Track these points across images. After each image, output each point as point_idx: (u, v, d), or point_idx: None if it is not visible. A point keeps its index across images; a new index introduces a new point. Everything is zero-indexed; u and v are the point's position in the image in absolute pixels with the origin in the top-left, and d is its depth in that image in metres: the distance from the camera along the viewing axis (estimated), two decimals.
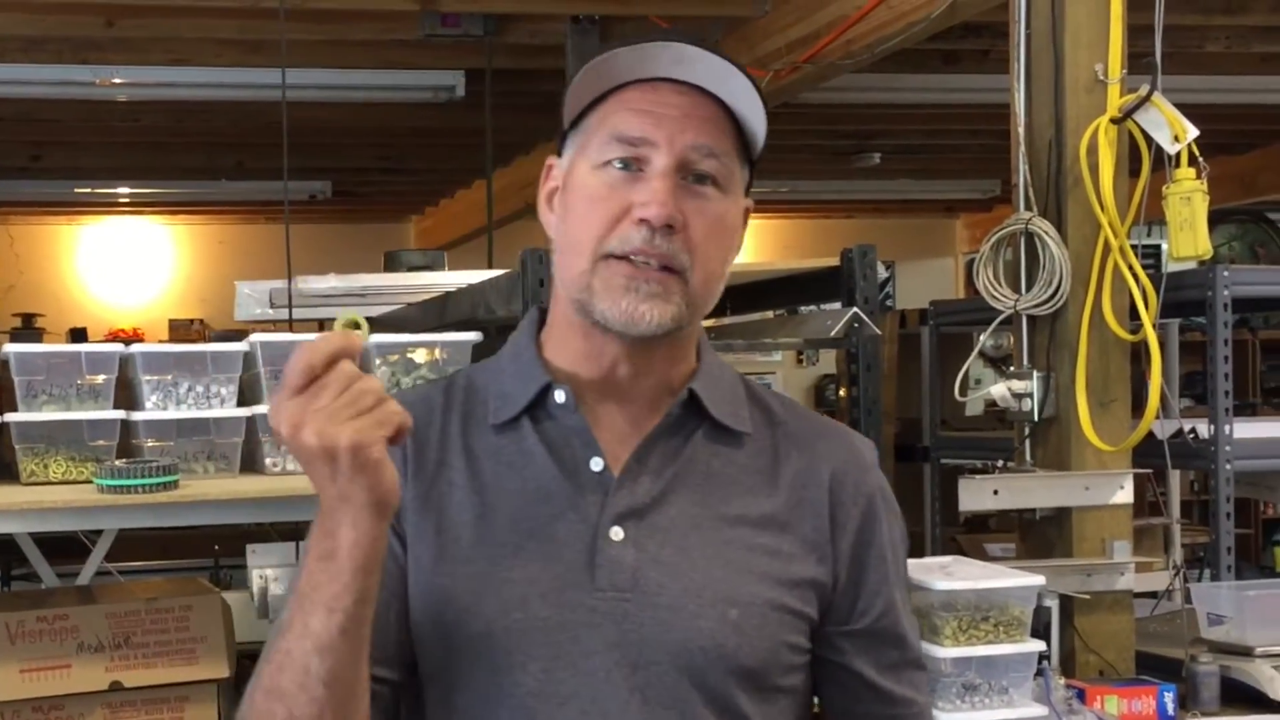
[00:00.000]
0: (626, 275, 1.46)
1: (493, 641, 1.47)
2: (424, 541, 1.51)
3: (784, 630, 1.52)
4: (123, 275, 10.20)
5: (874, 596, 1.58)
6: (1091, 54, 3.45)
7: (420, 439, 1.54)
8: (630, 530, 1.49)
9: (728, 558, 1.50)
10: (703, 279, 1.50)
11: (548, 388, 1.53)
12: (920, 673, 1.64)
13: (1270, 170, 8.57)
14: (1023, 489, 3.44)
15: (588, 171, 1.51)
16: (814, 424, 1.64)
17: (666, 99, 1.49)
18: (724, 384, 1.59)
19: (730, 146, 1.52)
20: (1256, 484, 4.53)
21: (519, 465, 1.52)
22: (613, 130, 1.49)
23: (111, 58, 5.76)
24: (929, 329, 5.21)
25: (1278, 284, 4.40)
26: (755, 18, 5.28)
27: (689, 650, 1.46)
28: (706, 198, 1.50)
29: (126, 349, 3.04)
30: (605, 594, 1.47)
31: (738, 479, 1.54)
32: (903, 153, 8.54)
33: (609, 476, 1.50)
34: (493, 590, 1.47)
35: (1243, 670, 3.19)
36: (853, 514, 1.57)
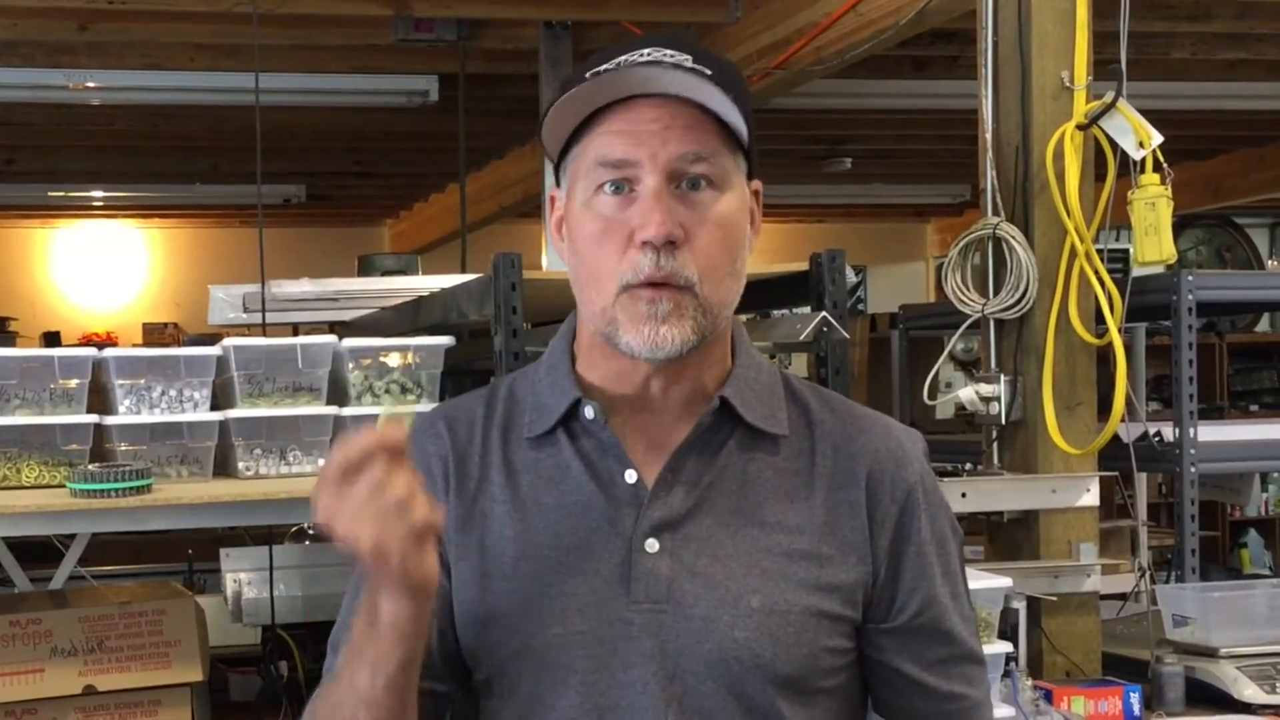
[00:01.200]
0: (646, 301, 1.47)
1: (534, 656, 1.49)
2: (468, 560, 1.53)
3: (823, 636, 1.51)
4: (96, 279, 10.18)
5: (911, 593, 1.55)
6: (1058, 61, 3.49)
7: (461, 454, 1.57)
8: (665, 542, 1.49)
9: (764, 566, 1.50)
10: (712, 285, 1.49)
11: (578, 403, 1.54)
12: (974, 667, 1.61)
13: (1236, 175, 8.62)
14: (990, 492, 3.47)
15: (582, 206, 1.51)
16: (853, 420, 1.61)
17: (642, 114, 1.48)
18: (760, 385, 1.57)
19: (717, 144, 1.50)
20: (1222, 486, 4.57)
21: (556, 479, 1.53)
22: (596, 157, 1.49)
23: (85, 62, 5.76)
24: (899, 333, 5.23)
25: (1242, 288, 4.46)
26: (727, 24, 5.31)
27: (725, 660, 1.47)
28: (703, 201, 1.49)
29: (100, 353, 3.04)
30: (641, 606, 1.48)
31: (774, 483, 1.54)
32: (874, 158, 8.57)
33: (643, 489, 1.51)
34: (533, 606, 1.49)
35: (1207, 671, 3.23)
36: (891, 511, 1.55)
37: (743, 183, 1.54)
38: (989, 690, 1.67)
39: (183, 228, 10.28)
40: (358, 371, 3.15)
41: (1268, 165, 8.42)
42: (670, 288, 1.47)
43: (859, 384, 7.76)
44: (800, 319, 2.91)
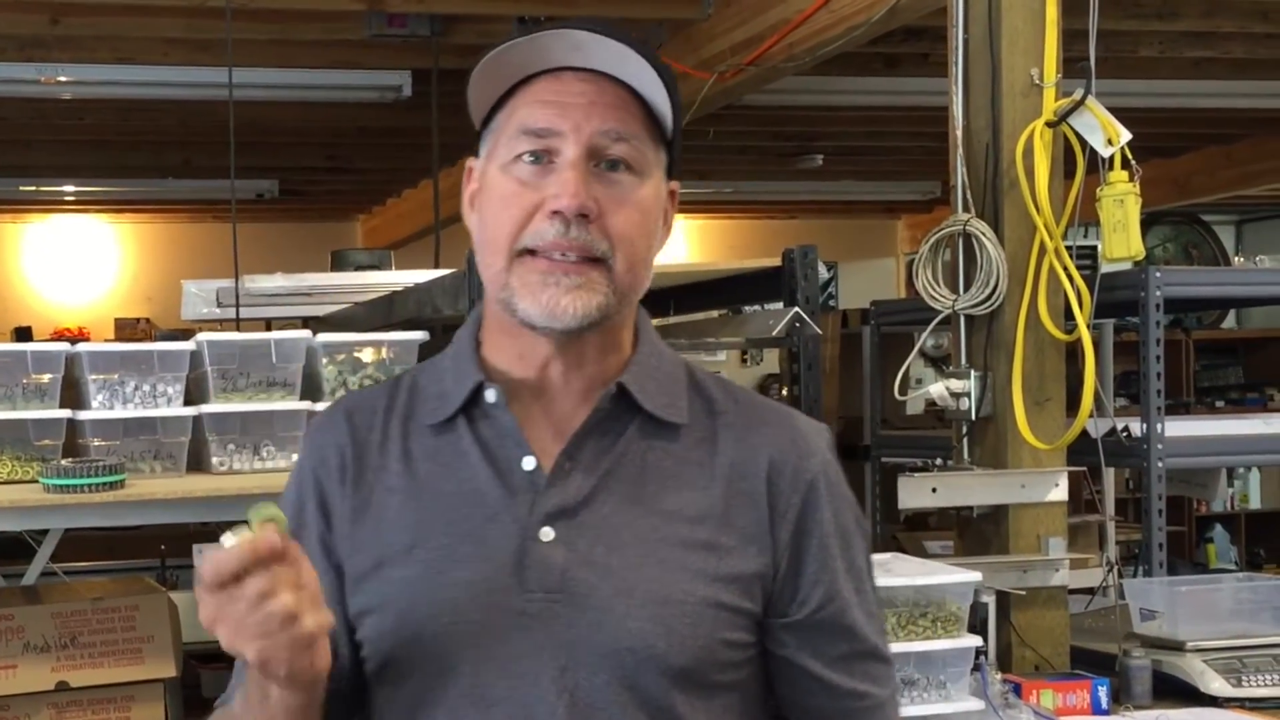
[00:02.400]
0: (543, 270, 1.45)
1: (425, 646, 1.46)
2: (363, 551, 1.51)
3: (721, 628, 1.48)
4: (68, 274, 10.13)
5: (813, 586, 1.53)
6: (1027, 59, 3.51)
7: (361, 444, 1.55)
8: (561, 530, 1.47)
9: (661, 556, 1.47)
10: (627, 265, 1.47)
11: (480, 386, 1.52)
12: (879, 665, 1.59)
13: (1203, 173, 8.67)
14: (960, 487, 3.49)
15: (499, 170, 1.49)
16: (758, 411, 1.59)
17: (570, 87, 1.47)
18: (661, 373, 1.55)
19: (640, 129, 1.49)
20: (1189, 481, 4.60)
21: (454, 467, 1.51)
22: (519, 124, 1.48)
23: (57, 56, 5.73)
24: (870, 328, 5.25)
25: (1209, 284, 4.49)
26: (698, 21, 5.32)
27: (619, 651, 1.44)
28: (620, 184, 1.47)
29: (72, 348, 3.04)
30: (534, 596, 1.45)
31: (673, 472, 1.51)
32: (845, 154, 8.58)
33: (540, 475, 1.48)
34: (425, 595, 1.47)
35: (1174, 664, 3.25)
36: (792, 501, 1.52)
37: (661, 177, 1.53)
38: (896, 690, 1.64)
39: (155, 222, 10.24)
40: (331, 366, 3.15)
41: (1234, 163, 8.47)
42: (580, 261, 1.45)
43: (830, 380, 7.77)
44: (773, 314, 2.93)
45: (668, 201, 1.56)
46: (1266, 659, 3.24)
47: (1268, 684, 3.19)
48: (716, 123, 6.75)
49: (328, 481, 1.55)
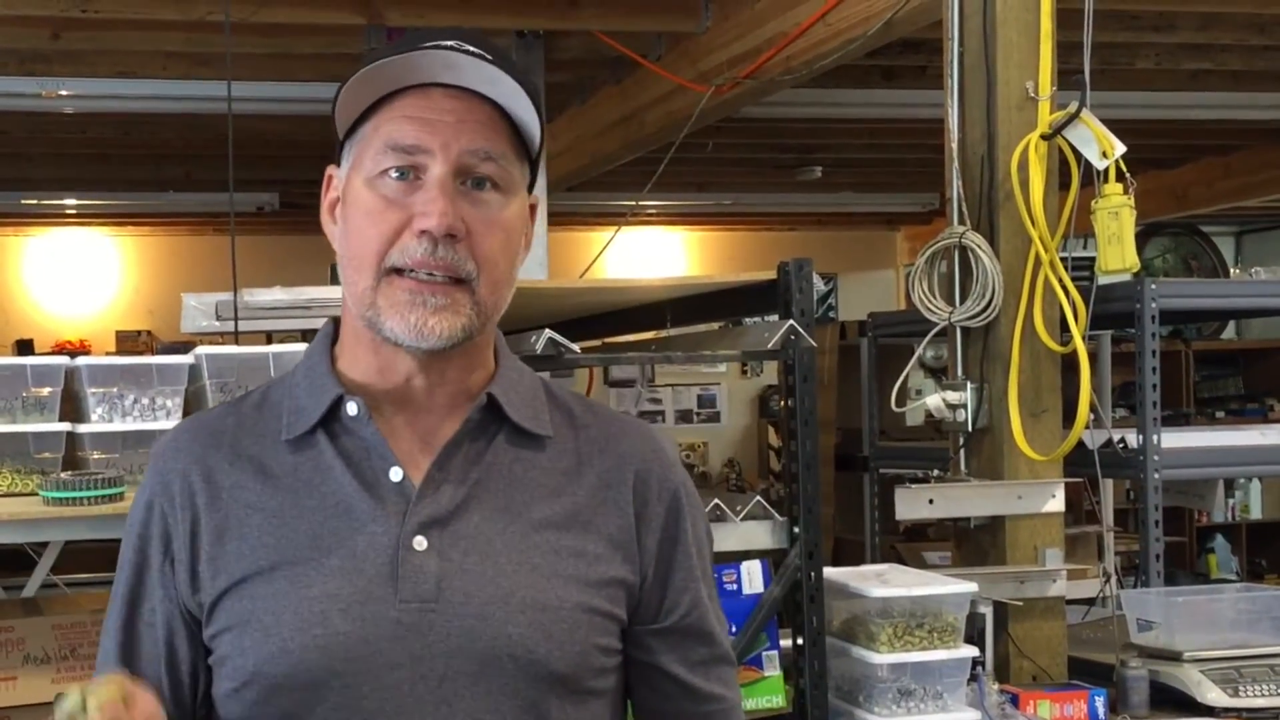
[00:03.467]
0: (410, 290, 1.44)
1: (293, 660, 1.44)
2: (223, 572, 1.48)
3: (594, 633, 1.50)
4: (69, 287, 10.13)
5: (681, 593, 1.57)
6: (1023, 71, 3.52)
7: (209, 467, 1.52)
8: (434, 539, 1.46)
9: (534, 562, 1.48)
10: (490, 287, 1.48)
11: (340, 400, 1.51)
12: (729, 668, 1.64)
13: (1201, 184, 8.68)
14: (957, 498, 3.50)
15: (363, 184, 1.48)
16: (616, 424, 1.62)
17: (439, 104, 1.46)
18: (523, 387, 1.57)
19: (507, 148, 1.48)
20: (1187, 492, 4.62)
21: (316, 482, 1.50)
22: (386, 139, 1.46)
23: (58, 70, 5.76)
24: (868, 340, 5.27)
25: (1205, 296, 4.50)
26: (696, 34, 5.34)
27: (498, 658, 1.44)
28: (487, 203, 1.47)
29: (72, 361, 3.05)
30: (410, 605, 1.44)
31: (541, 482, 1.53)
32: (843, 166, 8.60)
33: (409, 486, 1.48)
34: (291, 608, 1.44)
35: (1171, 675, 3.26)
36: (658, 511, 1.56)
37: (524, 193, 1.54)
38: (739, 692, 1.70)
39: (155, 235, 10.25)
40: None
41: (1232, 174, 8.49)
42: (444, 284, 1.45)
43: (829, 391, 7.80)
44: (768, 327, 2.93)
45: (528, 217, 1.56)
46: (1263, 669, 3.25)
47: (1265, 694, 3.20)
48: (715, 135, 6.77)
49: (170, 511, 1.52)
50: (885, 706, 2.88)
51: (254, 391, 1.61)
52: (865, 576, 3.03)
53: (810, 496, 2.93)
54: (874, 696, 2.89)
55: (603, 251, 6.18)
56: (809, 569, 2.93)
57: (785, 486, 3.01)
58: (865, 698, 2.92)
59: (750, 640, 2.89)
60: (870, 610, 2.89)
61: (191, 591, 1.50)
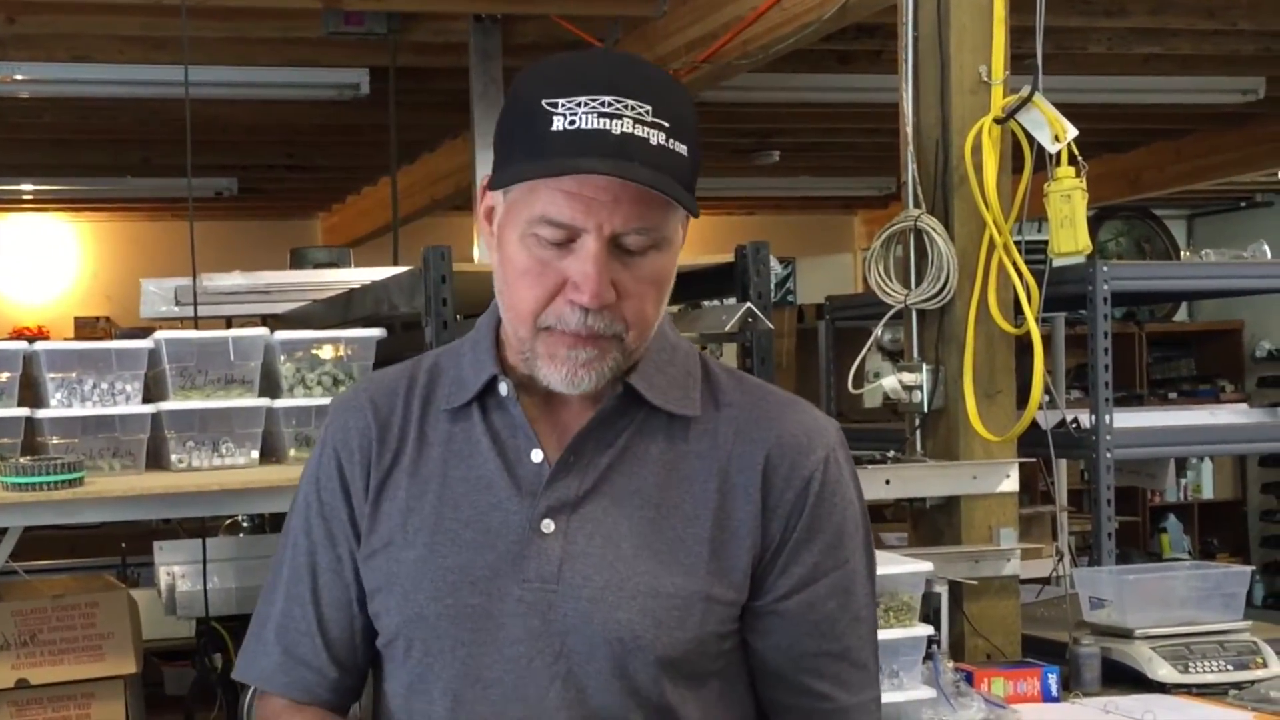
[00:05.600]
0: (569, 346, 1.48)
1: (426, 625, 1.53)
2: (377, 531, 1.58)
3: (710, 621, 1.52)
4: (27, 273, 10.07)
5: (783, 574, 1.55)
6: (976, 56, 3.55)
7: (383, 426, 1.60)
8: (561, 523, 1.52)
9: (655, 548, 1.51)
10: (639, 336, 1.51)
11: (495, 379, 1.57)
12: (854, 671, 1.59)
13: (1153, 168, 8.73)
14: (913, 478, 3.53)
15: (518, 237, 1.49)
16: (764, 405, 1.60)
17: (599, 183, 1.44)
18: (673, 368, 1.58)
19: (663, 216, 1.48)
20: (1139, 472, 4.65)
21: (465, 454, 1.57)
22: (541, 213, 1.46)
23: (13, 54, 5.71)
24: (825, 323, 5.29)
25: (1157, 278, 4.55)
26: (653, 18, 5.34)
27: (609, 641, 1.49)
28: (642, 264, 1.48)
29: (30, 347, 3.05)
30: (532, 584, 1.51)
31: (673, 466, 1.55)
32: (801, 150, 8.61)
33: (546, 469, 1.54)
34: (428, 576, 1.53)
35: (1123, 651, 3.31)
36: (786, 497, 1.55)
37: (680, 230, 1.53)
38: (873, 701, 1.62)
39: (114, 221, 10.19)
40: (289, 364, 3.17)
41: (1184, 158, 8.54)
42: (597, 339, 1.48)
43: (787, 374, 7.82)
44: (726, 310, 2.97)
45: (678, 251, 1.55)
46: (1213, 645, 3.30)
47: (1214, 670, 3.24)
48: None
49: (348, 463, 1.61)
50: None
51: (428, 355, 1.68)
52: None
53: None
54: None
55: None
56: None
57: None
58: None
59: None
60: None
61: (359, 542, 1.59)
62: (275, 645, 1.63)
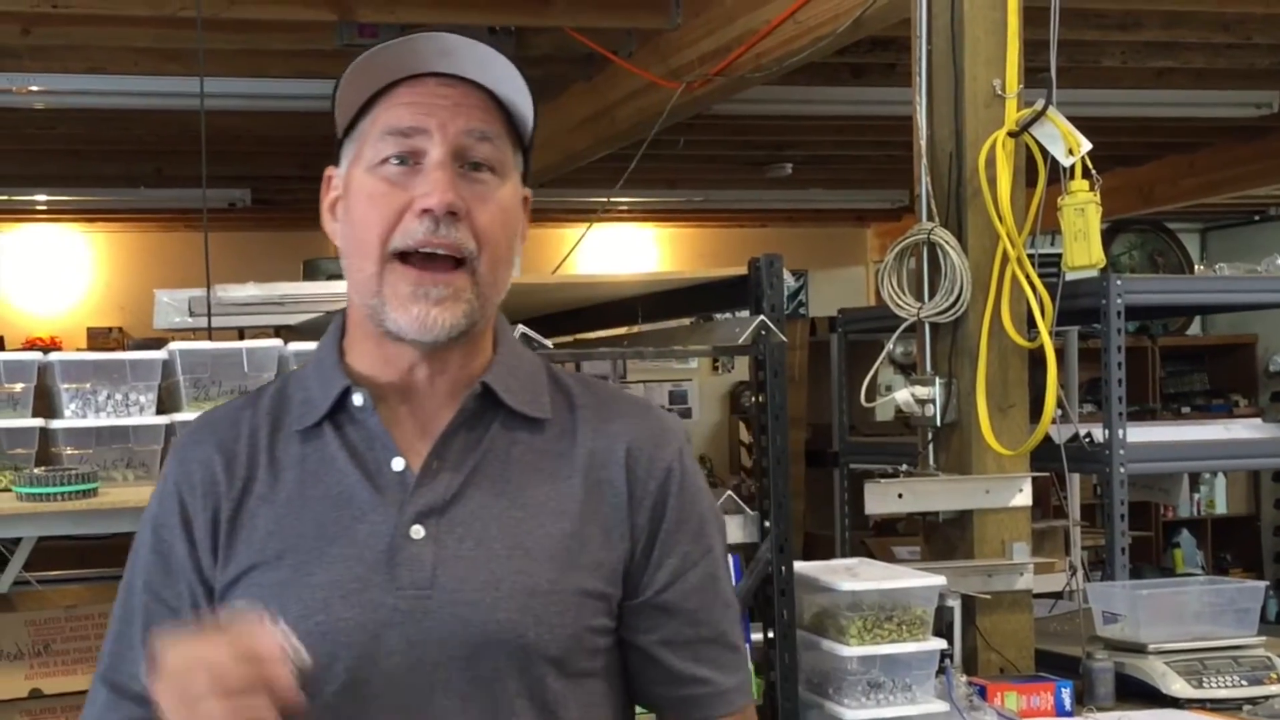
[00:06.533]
0: (414, 281, 1.49)
1: None
2: (235, 559, 1.54)
3: (586, 614, 1.53)
4: (40, 283, 10.08)
5: (658, 569, 1.57)
6: (990, 69, 3.55)
7: (228, 458, 1.57)
8: (431, 527, 1.50)
9: (527, 547, 1.51)
10: (490, 265, 1.52)
11: (347, 391, 1.55)
12: (724, 651, 1.62)
13: (1166, 181, 8.72)
14: (925, 492, 3.52)
15: (365, 173, 1.52)
16: (613, 403, 1.64)
17: (435, 90, 1.50)
18: (522, 372, 1.60)
19: (502, 130, 1.53)
20: (1152, 487, 4.64)
21: (321, 472, 1.54)
22: (385, 126, 1.51)
23: (28, 65, 5.74)
24: (838, 336, 5.29)
25: (1169, 292, 4.53)
26: (667, 31, 5.35)
27: (489, 643, 1.48)
28: (485, 183, 1.51)
29: (45, 357, 3.05)
30: (406, 592, 1.48)
31: (536, 465, 1.55)
32: (814, 163, 8.61)
33: (410, 475, 1.52)
34: (295, 596, 1.49)
35: (1136, 666, 3.29)
36: (649, 488, 1.57)
37: (518, 180, 1.57)
38: (746, 680, 1.66)
39: (127, 232, 10.21)
40: None
41: (1197, 171, 8.53)
42: (444, 270, 1.49)
43: (799, 387, 7.83)
44: (739, 322, 2.96)
45: (522, 206, 1.60)
46: (1227, 660, 3.29)
47: (1228, 685, 3.23)
48: (686, 132, 6.78)
49: (190, 498, 1.57)
50: (855, 699, 2.90)
51: (271, 384, 1.66)
52: (835, 570, 3.06)
53: (781, 491, 2.96)
54: (844, 689, 2.91)
55: (574, 248, 6.19)
56: (780, 563, 2.96)
57: (756, 482, 3.04)
58: (835, 690, 2.94)
59: None
60: (840, 604, 2.91)
61: (212, 575, 1.55)
62: (102, 688, 1.58)
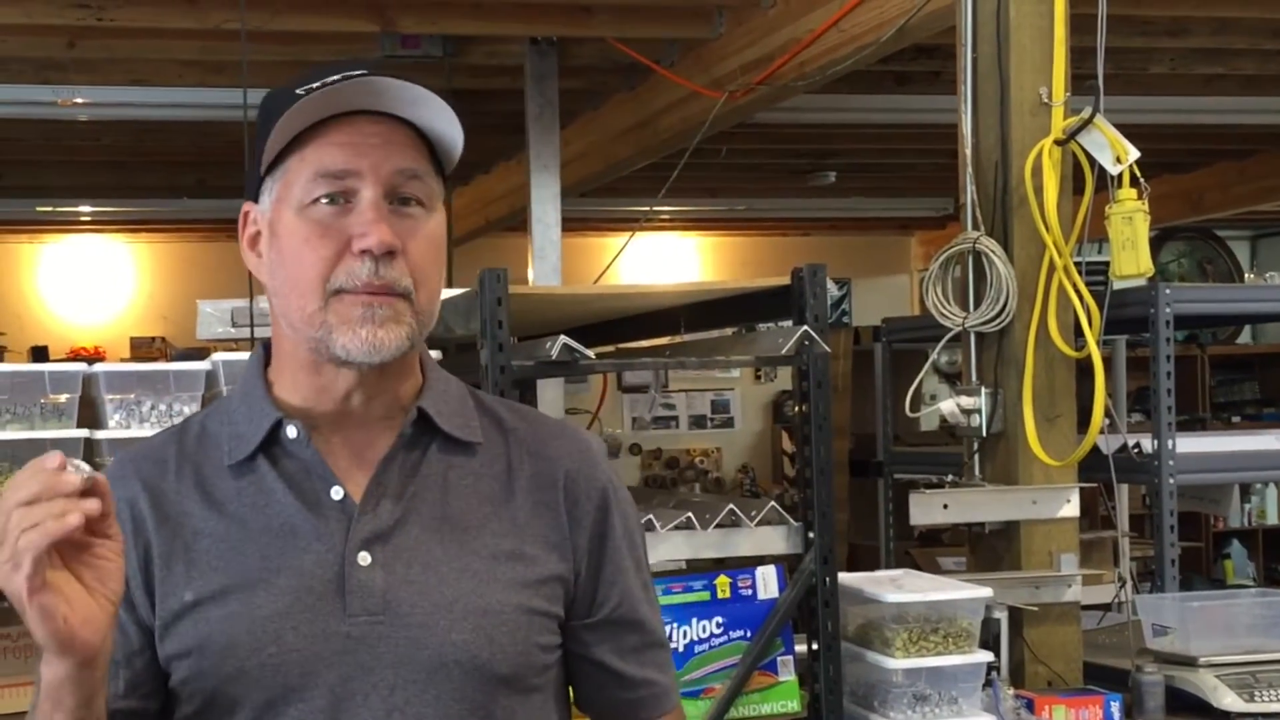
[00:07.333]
0: (364, 304, 1.48)
1: (249, 680, 1.47)
2: (173, 595, 1.52)
3: (534, 632, 1.55)
4: (84, 293, 10.17)
5: (610, 586, 1.62)
6: (1036, 77, 3.52)
7: (156, 494, 1.55)
8: (377, 554, 1.50)
9: (474, 569, 1.52)
10: (427, 297, 1.53)
11: (279, 424, 1.54)
12: (662, 652, 1.69)
13: (1216, 189, 8.66)
14: (971, 503, 3.50)
15: (295, 213, 1.51)
16: (545, 427, 1.67)
17: (365, 129, 1.50)
18: (451, 397, 1.61)
19: (428, 165, 1.54)
20: (1202, 497, 4.60)
21: (260, 504, 1.53)
22: (316, 167, 1.50)
23: (73, 78, 5.78)
24: (881, 346, 5.26)
25: (1220, 301, 4.49)
26: (710, 40, 5.34)
27: (445, 665, 1.49)
28: (415, 218, 1.52)
29: (90, 368, 3.07)
30: (358, 619, 1.48)
31: (475, 489, 1.57)
32: (857, 171, 8.60)
33: (351, 503, 1.52)
34: (244, 628, 1.48)
35: (1186, 680, 3.26)
36: (588, 509, 1.60)
37: (441, 207, 1.59)
38: (675, 676, 1.73)
39: (170, 242, 10.28)
40: None
41: (1247, 179, 8.47)
42: (388, 295, 1.49)
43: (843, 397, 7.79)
44: (782, 333, 2.94)
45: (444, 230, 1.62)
46: (1279, 674, 3.24)
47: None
48: (729, 140, 6.77)
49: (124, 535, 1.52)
50: (900, 712, 2.88)
51: (193, 419, 1.65)
52: (880, 582, 3.03)
53: (825, 501, 2.94)
54: (889, 702, 2.89)
55: (616, 257, 6.18)
56: (824, 574, 2.93)
57: (799, 492, 3.01)
58: (880, 703, 2.92)
59: (765, 645, 2.89)
60: (885, 615, 2.89)
61: (148, 614, 1.52)
62: None
